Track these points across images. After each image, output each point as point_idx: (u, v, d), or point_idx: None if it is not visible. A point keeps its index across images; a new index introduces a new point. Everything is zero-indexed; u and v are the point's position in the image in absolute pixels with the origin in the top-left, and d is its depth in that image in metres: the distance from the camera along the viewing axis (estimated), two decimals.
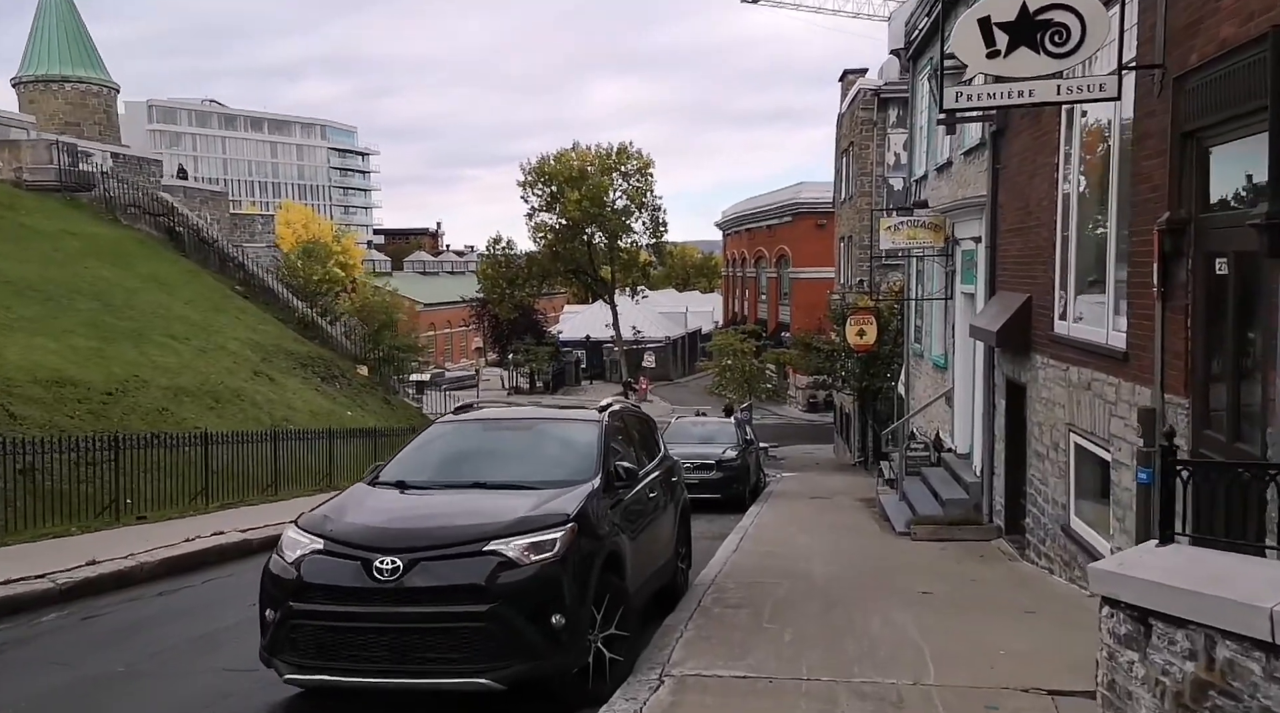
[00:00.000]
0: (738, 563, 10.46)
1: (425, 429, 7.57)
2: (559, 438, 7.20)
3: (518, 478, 6.50)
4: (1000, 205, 11.81)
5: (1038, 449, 10.22)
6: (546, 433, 7.35)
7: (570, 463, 6.76)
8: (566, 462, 6.80)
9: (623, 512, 6.70)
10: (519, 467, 6.76)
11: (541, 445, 7.12)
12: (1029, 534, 10.61)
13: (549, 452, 7.02)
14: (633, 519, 6.90)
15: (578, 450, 6.90)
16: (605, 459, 6.75)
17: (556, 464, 6.78)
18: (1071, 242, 9.03)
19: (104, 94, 49.65)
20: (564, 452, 6.98)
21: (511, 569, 5.34)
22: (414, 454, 7.10)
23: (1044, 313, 9.88)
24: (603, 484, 6.50)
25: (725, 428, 20.09)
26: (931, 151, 17.22)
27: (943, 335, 16.22)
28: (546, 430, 7.40)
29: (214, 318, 24.89)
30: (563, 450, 7.00)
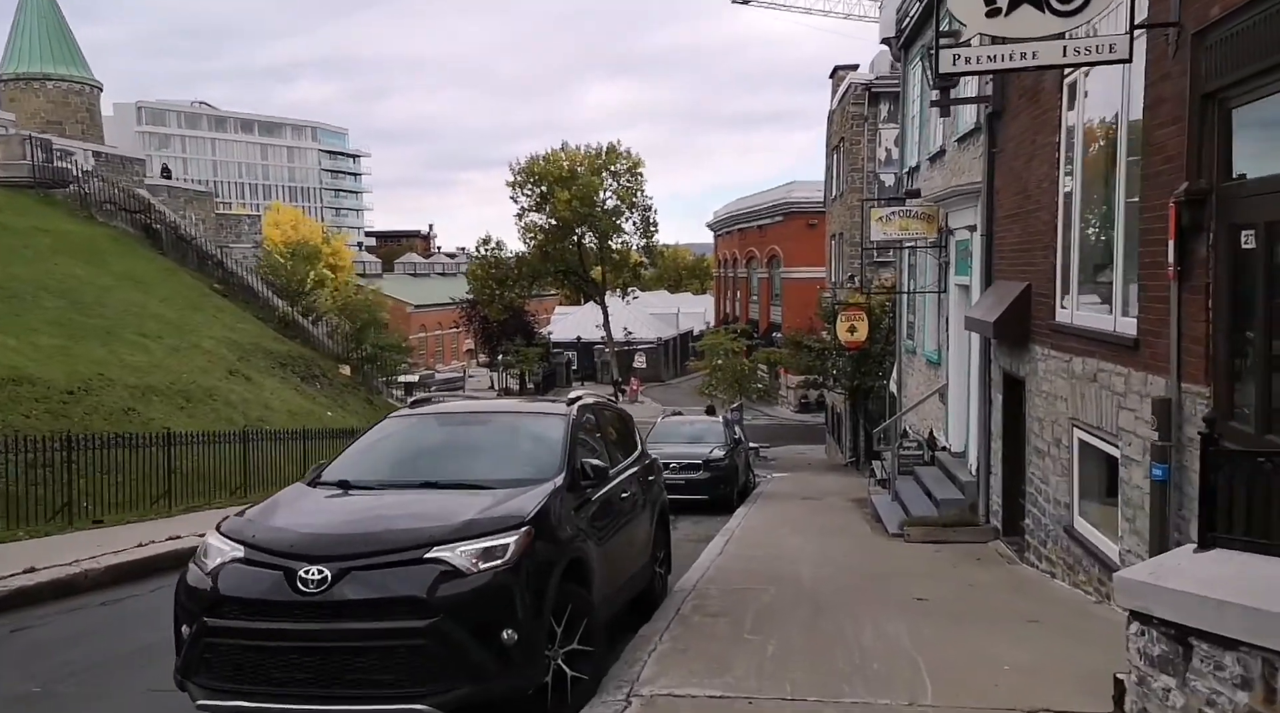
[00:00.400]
0: (722, 567, 9.87)
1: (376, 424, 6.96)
2: (521, 433, 6.62)
3: (473, 477, 5.91)
4: (997, 191, 11.26)
5: (1038, 446, 9.66)
6: (508, 428, 6.75)
7: (532, 460, 6.18)
8: (528, 459, 6.21)
9: (590, 514, 6.12)
10: (475, 464, 6.17)
11: (501, 441, 6.53)
12: (1028, 536, 10.05)
13: (509, 448, 6.43)
14: (602, 522, 6.32)
15: (541, 447, 6.31)
16: (571, 456, 6.16)
17: (517, 461, 6.19)
18: (1074, 225, 8.48)
19: (86, 92, 48.93)
20: (526, 448, 6.40)
21: (456, 579, 4.75)
22: (361, 451, 6.50)
23: (1044, 301, 9.32)
24: (567, 484, 5.91)
25: (713, 427, 19.52)
26: (924, 141, 16.69)
27: (936, 330, 15.67)
28: (508, 425, 6.80)
29: (190, 316, 24.23)
30: (524, 447, 6.41)
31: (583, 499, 6.07)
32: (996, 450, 11.41)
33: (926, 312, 16.21)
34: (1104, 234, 7.85)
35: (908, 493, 13.87)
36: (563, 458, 6.10)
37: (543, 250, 61.47)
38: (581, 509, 6.00)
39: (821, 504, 17.23)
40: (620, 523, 6.81)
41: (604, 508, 6.44)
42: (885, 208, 14.76)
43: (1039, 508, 9.66)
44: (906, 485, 14.27)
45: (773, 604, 7.66)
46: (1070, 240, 8.53)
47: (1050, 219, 9.09)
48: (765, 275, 58.20)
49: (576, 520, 5.82)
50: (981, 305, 11.35)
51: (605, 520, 6.42)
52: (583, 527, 5.87)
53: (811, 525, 13.69)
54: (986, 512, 11.78)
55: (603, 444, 7.21)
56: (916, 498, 13.53)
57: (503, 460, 6.22)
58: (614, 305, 64.89)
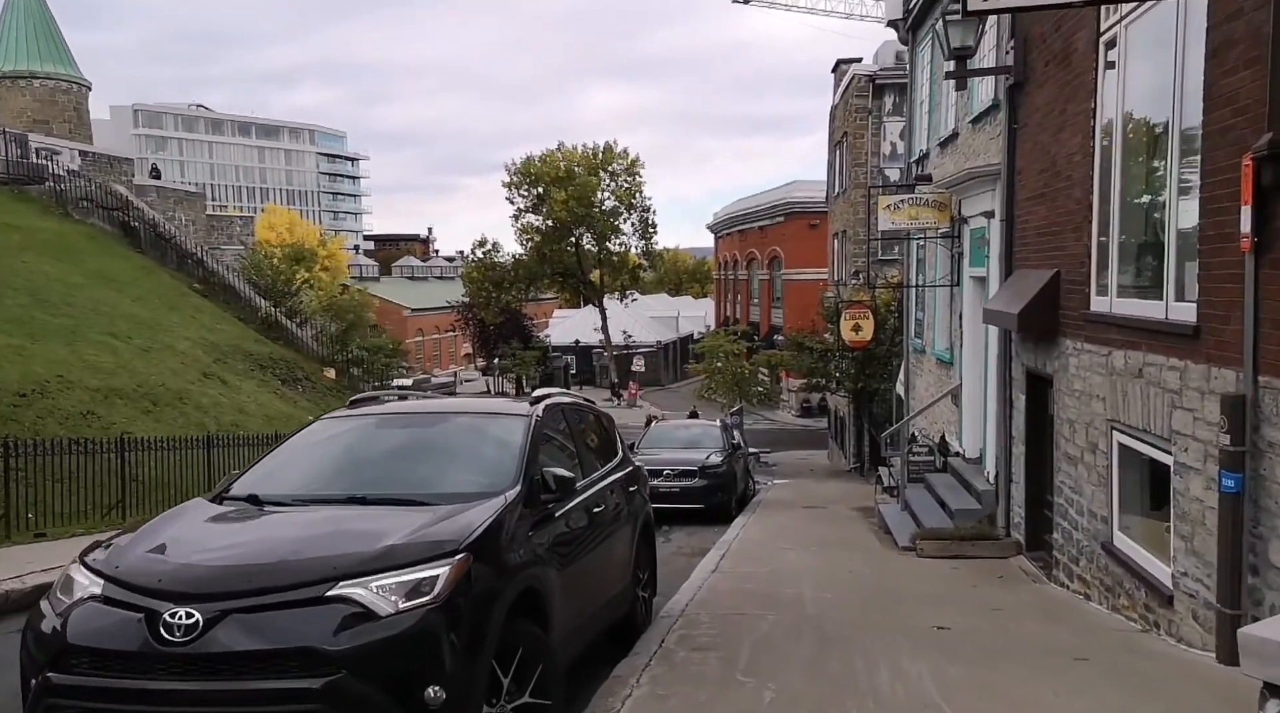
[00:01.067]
0: (715, 587, 8.85)
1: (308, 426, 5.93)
2: (473, 438, 5.60)
3: (409, 490, 4.90)
4: (1018, 171, 10.25)
5: (1068, 451, 8.64)
6: (458, 432, 5.72)
7: (484, 469, 5.17)
8: (478, 468, 5.21)
9: (553, 533, 5.11)
10: (414, 475, 5.16)
11: (448, 447, 5.51)
12: (1057, 552, 9.03)
13: (457, 455, 5.42)
14: (567, 543, 5.31)
15: (495, 453, 5.31)
16: (530, 465, 5.15)
17: (465, 471, 5.19)
18: (1114, 200, 7.46)
19: (74, 91, 48.12)
20: (477, 455, 5.39)
21: (368, 623, 3.74)
22: (282, 459, 5.48)
23: (1076, 289, 8.31)
24: (523, 497, 4.90)
25: (710, 432, 18.49)
26: (933, 127, 15.69)
27: (948, 327, 14.65)
28: (458, 428, 5.77)
29: (164, 316, 23.23)
30: (475, 454, 5.41)
31: (543, 515, 5.06)
32: (1019, 456, 10.39)
33: (937, 307, 15.19)
34: (1152, 207, 6.84)
35: (919, 502, 12.84)
36: (519, 467, 5.08)
37: (539, 252, 60.44)
38: (541, 528, 4.99)
39: (825, 513, 16.20)
40: (592, 542, 5.80)
41: (571, 525, 5.43)
42: (894, 195, 13.75)
43: (1070, 521, 8.64)
44: (917, 494, 13.24)
45: (771, 635, 6.64)
46: (1109, 218, 7.52)
47: (1083, 196, 8.08)
48: (766, 277, 57.23)
49: (533, 542, 4.81)
50: (1001, 297, 10.34)
51: (572, 540, 5.41)
52: (541, 550, 4.86)
53: (814, 538, 12.66)
54: (1007, 524, 10.76)
55: (574, 450, 6.20)
56: (928, 508, 12.51)
57: (447, 470, 5.21)
58: (613, 309, 63.87)
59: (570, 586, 5.17)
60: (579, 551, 5.51)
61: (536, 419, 5.66)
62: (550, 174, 58.98)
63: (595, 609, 5.84)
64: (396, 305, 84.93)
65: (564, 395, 6.70)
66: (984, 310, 10.68)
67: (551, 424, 5.98)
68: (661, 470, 16.19)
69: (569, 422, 6.27)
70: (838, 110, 32.98)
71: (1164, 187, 6.49)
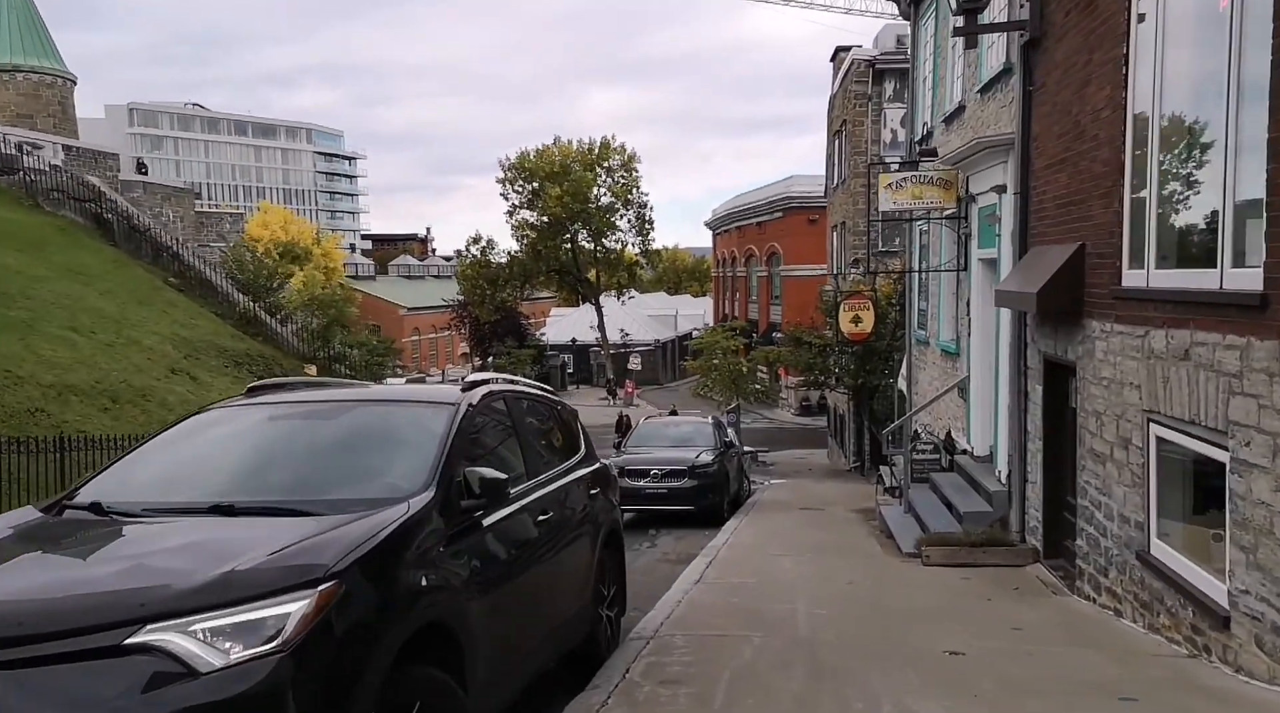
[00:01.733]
0: (697, 601, 7.86)
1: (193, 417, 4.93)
2: (383, 431, 4.59)
3: (293, 495, 3.91)
4: (1034, 138, 9.25)
5: (1095, 448, 7.64)
6: (366, 424, 4.71)
7: (389, 470, 4.19)
8: (383, 468, 4.23)
9: (477, 549, 4.12)
10: (304, 476, 4.17)
11: (352, 442, 4.51)
12: (1080, 560, 8.03)
13: (360, 452, 4.43)
14: (498, 559, 4.33)
15: (405, 450, 4.32)
16: (448, 464, 4.15)
17: (366, 472, 4.21)
18: (1151, 156, 6.46)
19: (59, 85, 47.18)
20: (384, 452, 4.40)
21: (182, 683, 2.76)
22: (147, 457, 4.49)
23: (1104, 263, 7.31)
24: (436, 504, 3.91)
25: (702, 429, 17.47)
26: (937, 103, 14.70)
27: (954, 316, 13.65)
28: (367, 420, 4.76)
29: (133, 311, 22.22)
30: (383, 450, 4.42)
31: (464, 526, 4.07)
32: (1035, 454, 9.40)
33: (942, 295, 14.19)
34: (1202, 159, 5.83)
35: (923, 504, 11.85)
36: (434, 467, 4.09)
37: (534, 249, 59.43)
38: (461, 542, 4.00)
39: (823, 516, 15.20)
40: (536, 556, 4.82)
41: (504, 537, 4.44)
42: (896, 173, 12.76)
43: (1096, 526, 7.65)
44: (921, 495, 12.24)
45: (755, 664, 5.64)
46: (1146, 177, 6.52)
47: (1113, 156, 7.09)
48: (765, 274, 56.21)
49: (447, 560, 3.82)
50: (1015, 277, 9.34)
51: (506, 555, 4.43)
52: (457, 570, 3.87)
53: (810, 543, 11.67)
54: (1022, 528, 9.76)
55: (519, 446, 5.21)
56: (934, 510, 11.51)
57: (345, 471, 4.22)
58: (611, 307, 62.89)
59: (501, 613, 4.19)
60: (516, 568, 4.52)
61: (465, 409, 4.66)
62: (545, 169, 57.98)
63: (540, 639, 4.86)
64: (393, 304, 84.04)
65: (510, 382, 5.70)
66: (996, 292, 9.68)
67: (488, 416, 4.98)
68: (649, 470, 15.24)
69: (513, 413, 5.26)
70: (836, 99, 31.99)
71: (1220, 133, 5.49)
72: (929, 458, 13.09)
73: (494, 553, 4.29)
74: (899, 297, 21.97)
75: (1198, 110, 5.93)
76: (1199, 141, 5.88)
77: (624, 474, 15.28)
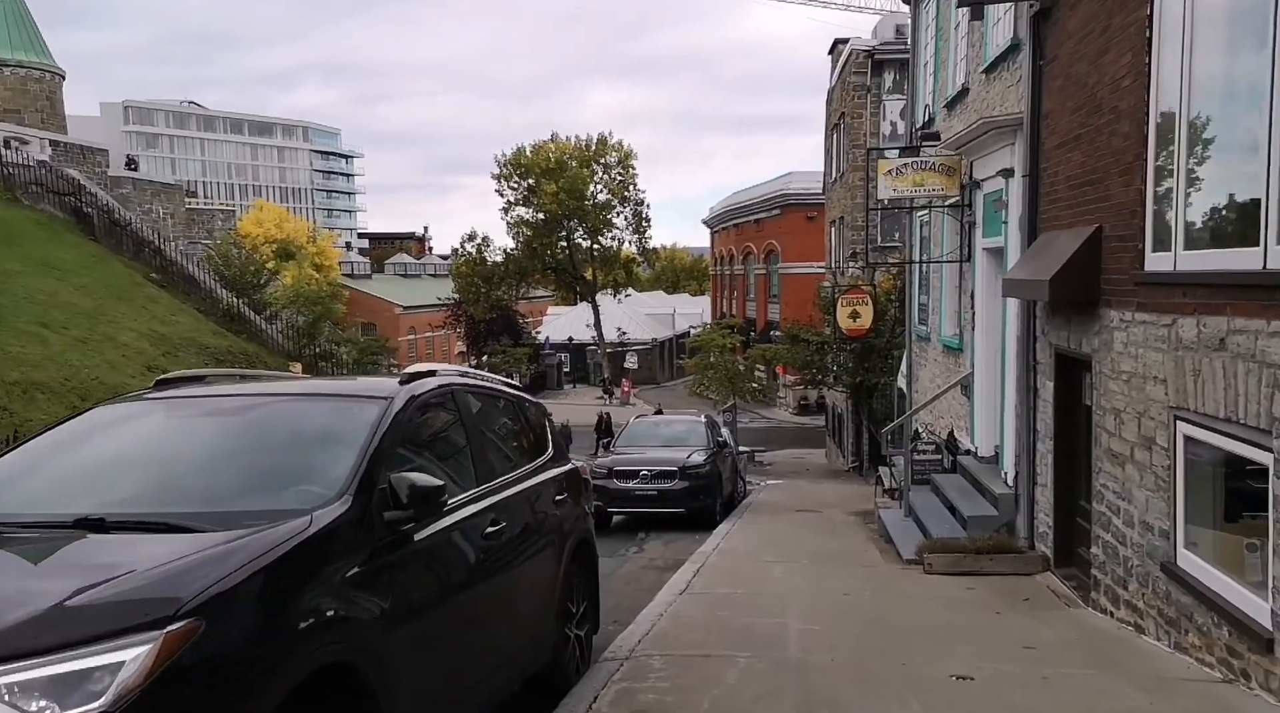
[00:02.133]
0: (681, 615, 7.24)
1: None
2: (298, 431, 3.95)
3: (178, 507, 3.29)
4: (1045, 116, 8.63)
5: (1113, 448, 7.02)
6: (278, 422, 4.06)
7: (299, 476, 3.56)
8: (292, 474, 3.60)
9: (404, 571, 3.49)
10: (196, 484, 3.54)
11: (259, 445, 3.87)
12: (1096, 570, 7.41)
13: (266, 456, 3.79)
14: (432, 583, 3.71)
15: (321, 453, 3.69)
16: (370, 469, 3.51)
17: (269, 479, 3.58)
18: (1180, 125, 5.83)
19: (47, 80, 46.55)
20: (296, 456, 3.77)
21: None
22: (19, 460, 3.86)
23: (1125, 246, 6.69)
24: (351, 518, 3.28)
25: (694, 429, 16.83)
26: (939, 88, 14.08)
27: (956, 309, 13.03)
28: (280, 418, 4.09)
29: (110, 307, 21.58)
30: (294, 453, 3.79)
31: (386, 544, 3.43)
32: (1044, 454, 8.78)
33: (944, 288, 13.56)
34: (1241, 124, 5.21)
35: (925, 508, 11.23)
36: (353, 473, 3.45)
37: (530, 246, 58.73)
38: (382, 562, 3.36)
39: (819, 519, 14.57)
40: (483, 575, 4.19)
41: (440, 555, 3.82)
42: (896, 159, 12.13)
43: (1114, 534, 7.02)
44: (923, 498, 11.62)
45: (738, 692, 5.02)
46: (1175, 149, 5.89)
47: (1135, 129, 6.46)
48: (763, 271, 55.59)
49: (360, 587, 3.19)
50: (1024, 265, 8.72)
51: (442, 576, 3.81)
52: (374, 598, 3.24)
53: (805, 549, 11.04)
54: (1031, 534, 9.14)
55: (472, 448, 4.57)
56: (936, 514, 10.89)
57: (245, 478, 3.59)
58: (608, 306, 62.17)
59: (436, 642, 3.57)
60: (457, 589, 3.90)
61: (404, 405, 4.03)
62: (541, 166, 57.30)
63: (491, 667, 4.23)
64: (389, 303, 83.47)
65: (463, 375, 5.06)
66: (1003, 282, 9.05)
67: (431, 413, 4.36)
68: (638, 471, 14.62)
69: (463, 410, 4.62)
70: (835, 92, 31.35)
71: (1261, 95, 4.86)
72: (931, 459, 12.47)
73: (426, 573, 3.67)
74: (898, 292, 21.36)
75: (1235, 68, 5.31)
76: (1237, 104, 5.25)
77: (613, 475, 14.69)
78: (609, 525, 14.72)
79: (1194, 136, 5.73)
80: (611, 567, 10.95)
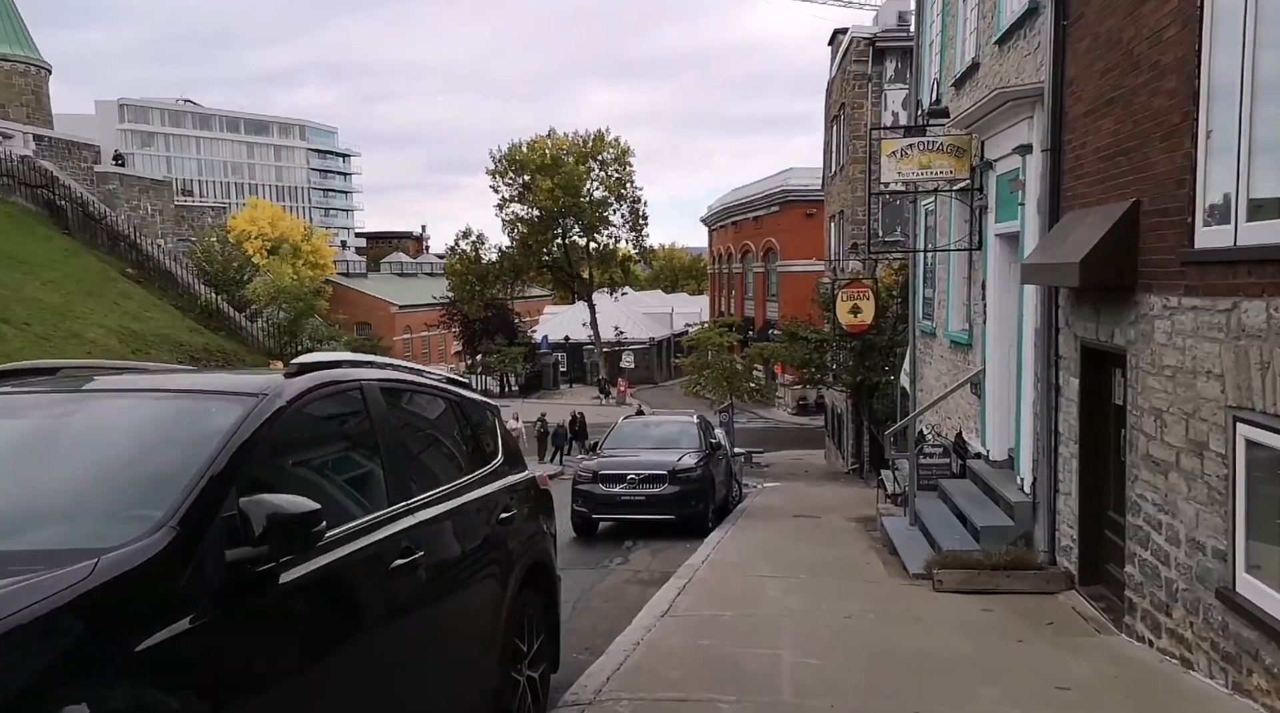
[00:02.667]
0: (659, 644, 6.35)
1: None
2: (124, 440, 3.02)
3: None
4: (1070, 81, 7.75)
5: (1153, 454, 6.13)
6: (101, 430, 3.11)
7: (113, 501, 2.67)
8: (104, 499, 2.70)
9: (253, 635, 2.60)
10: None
11: (67, 457, 2.96)
12: (1132, 592, 6.52)
13: (70, 473, 2.87)
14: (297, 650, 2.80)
15: (144, 470, 2.79)
16: (206, 493, 2.61)
17: (63, 506, 2.68)
18: (1246, 73, 4.93)
19: (32, 73, 45.69)
20: (107, 473, 2.85)
21: None
22: None
23: (1168, 222, 5.81)
24: (170, 559, 2.40)
25: (686, 430, 15.92)
26: (946, 67, 13.19)
27: (964, 302, 12.15)
28: (105, 422, 3.16)
29: (78, 302, 20.69)
30: (108, 470, 2.87)
31: (226, 594, 2.54)
32: (1068, 459, 7.89)
33: (951, 279, 12.67)
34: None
35: (932, 516, 10.34)
36: (181, 497, 2.55)
37: (525, 244, 57.81)
38: (217, 619, 2.47)
39: (818, 525, 13.69)
40: (385, 623, 3.29)
41: (318, 605, 2.92)
42: (901, 140, 11.24)
43: (1154, 551, 6.14)
44: (929, 505, 10.74)
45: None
46: (1237, 102, 4.99)
47: (1183, 84, 5.58)
48: (761, 270, 54.70)
49: (173, 664, 2.29)
50: (1046, 249, 7.84)
51: (319, 635, 2.91)
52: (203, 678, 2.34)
53: (803, 561, 10.15)
54: (1052, 547, 8.25)
55: (384, 458, 3.67)
56: (945, 524, 10.00)
57: (31, 503, 2.70)
58: (605, 305, 61.23)
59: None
60: (343, 646, 3.00)
61: (285, 405, 3.13)
62: (536, 162, 56.39)
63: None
64: (384, 302, 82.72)
65: (380, 366, 4.16)
66: (1022, 268, 8.16)
67: (325, 415, 3.46)
68: (625, 475, 13.73)
69: (374, 412, 3.71)
70: (835, 83, 30.46)
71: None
72: (938, 463, 11.58)
73: (293, 631, 2.78)
74: (900, 287, 20.48)
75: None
76: None
77: (598, 479, 13.81)
78: (594, 533, 13.84)
79: (1261, 88, 4.84)
80: (591, 580, 10.08)
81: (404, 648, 3.37)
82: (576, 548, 12.89)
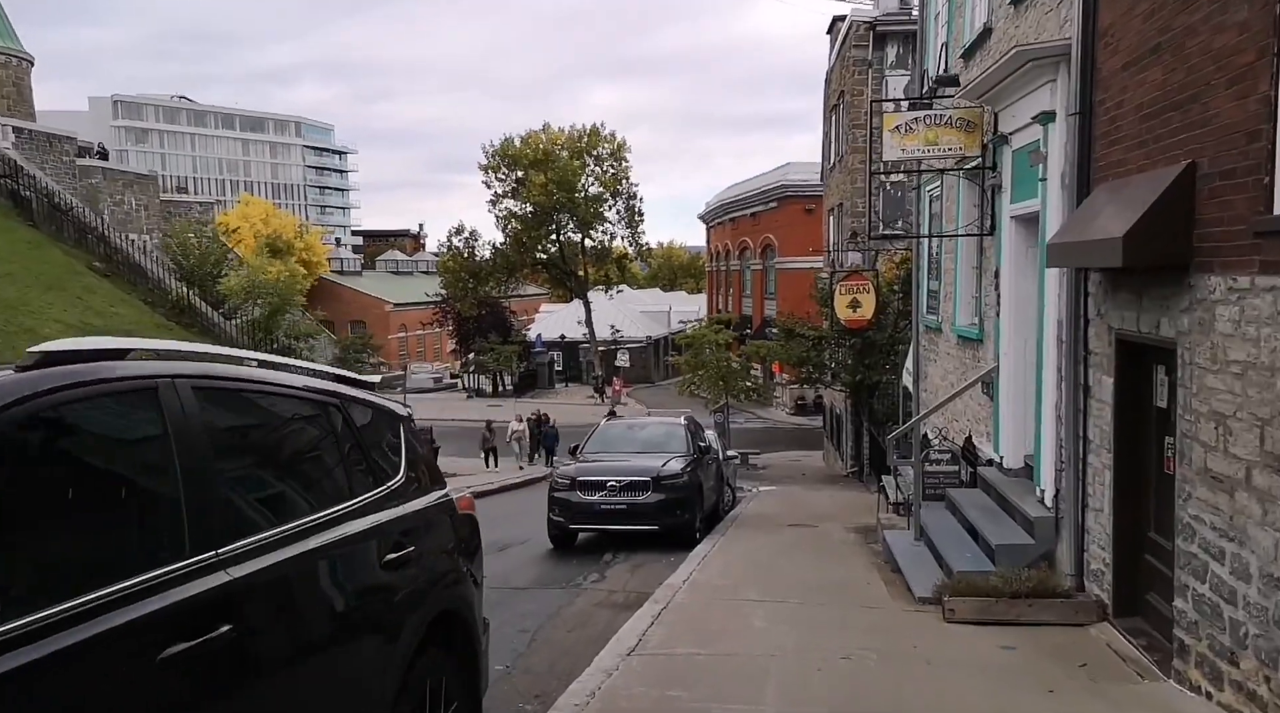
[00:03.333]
0: (618, 695, 5.28)
1: None
2: None
3: None
4: (1104, 32, 6.69)
5: (1212, 467, 5.07)
6: None
7: None
8: None
9: None
10: None
11: None
12: (1183, 632, 5.45)
13: None
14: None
15: None
16: None
17: None
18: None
19: (14, 65, 44.63)
20: None
21: None
22: None
23: (1235, 186, 4.75)
24: None
25: (673, 433, 14.81)
26: (954, 37, 12.13)
27: (974, 294, 11.09)
28: None
29: (36, 296, 19.63)
30: None
31: None
32: (1099, 470, 6.83)
33: (959, 269, 11.61)
34: None
35: (939, 530, 9.28)
36: None
37: (519, 240, 56.71)
38: None
39: (815, 537, 12.63)
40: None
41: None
42: (904, 114, 10.19)
43: (1215, 586, 5.07)
44: (936, 518, 9.67)
45: None
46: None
47: (1258, 13, 4.51)
48: (759, 267, 53.64)
49: None
50: (1075, 226, 6.77)
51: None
52: None
53: (796, 582, 9.07)
54: (1080, 570, 7.18)
55: (186, 491, 2.60)
56: (954, 539, 8.94)
57: None
58: (601, 303, 60.15)
59: None
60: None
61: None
62: (530, 156, 55.29)
63: None
64: (379, 300, 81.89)
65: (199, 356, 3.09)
66: (1049, 249, 7.08)
67: (76, 426, 2.40)
68: (605, 482, 12.65)
69: (174, 424, 2.62)
70: (834, 71, 29.41)
71: None
72: (945, 470, 10.52)
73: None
74: (902, 282, 19.43)
75: None
76: None
77: (575, 486, 12.74)
78: (573, 544, 12.77)
79: None
80: (559, 603, 9.02)
81: None
82: (551, 562, 11.83)
